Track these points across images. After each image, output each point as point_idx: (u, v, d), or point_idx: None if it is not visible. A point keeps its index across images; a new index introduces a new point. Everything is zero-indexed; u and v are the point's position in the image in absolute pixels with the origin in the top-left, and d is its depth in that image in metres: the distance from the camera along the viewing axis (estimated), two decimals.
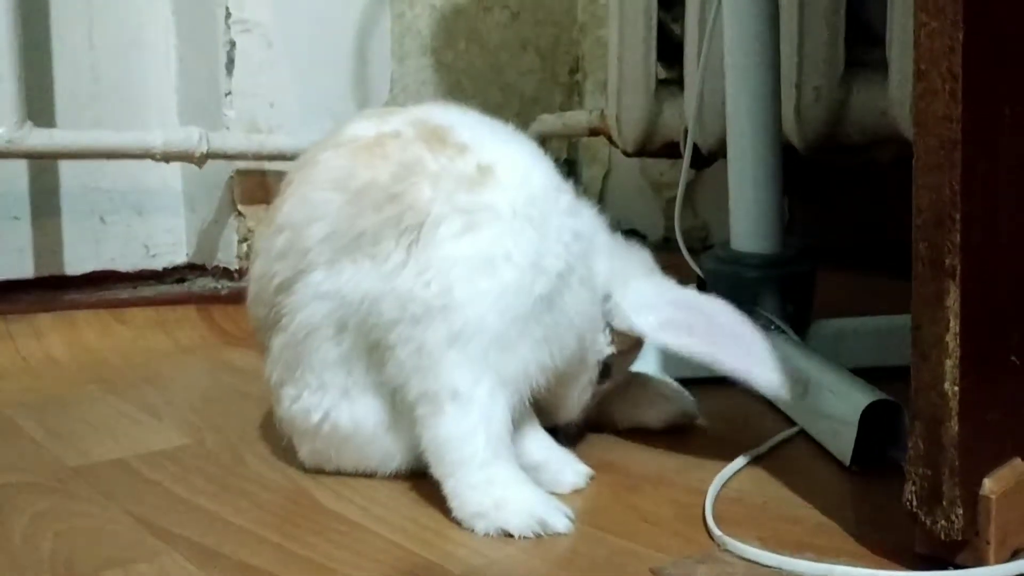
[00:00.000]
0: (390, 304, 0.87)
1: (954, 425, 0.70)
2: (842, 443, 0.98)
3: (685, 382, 1.20)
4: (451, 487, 0.86)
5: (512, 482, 0.86)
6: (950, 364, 0.70)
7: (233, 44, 1.91)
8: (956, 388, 0.70)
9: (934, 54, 0.67)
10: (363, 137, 0.93)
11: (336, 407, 0.93)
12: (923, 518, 0.72)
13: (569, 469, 0.94)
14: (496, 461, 0.86)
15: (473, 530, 0.84)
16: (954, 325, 0.69)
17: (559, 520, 0.83)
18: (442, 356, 0.85)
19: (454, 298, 0.85)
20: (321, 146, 0.96)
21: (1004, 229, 0.73)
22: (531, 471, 0.90)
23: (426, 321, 0.85)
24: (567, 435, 1.02)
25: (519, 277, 0.87)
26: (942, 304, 0.69)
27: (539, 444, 0.95)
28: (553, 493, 0.89)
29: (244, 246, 1.96)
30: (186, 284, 1.98)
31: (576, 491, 0.93)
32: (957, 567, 0.74)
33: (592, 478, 0.95)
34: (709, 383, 1.27)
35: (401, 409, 0.90)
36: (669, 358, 1.25)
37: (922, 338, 0.70)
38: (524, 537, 0.82)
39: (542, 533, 0.82)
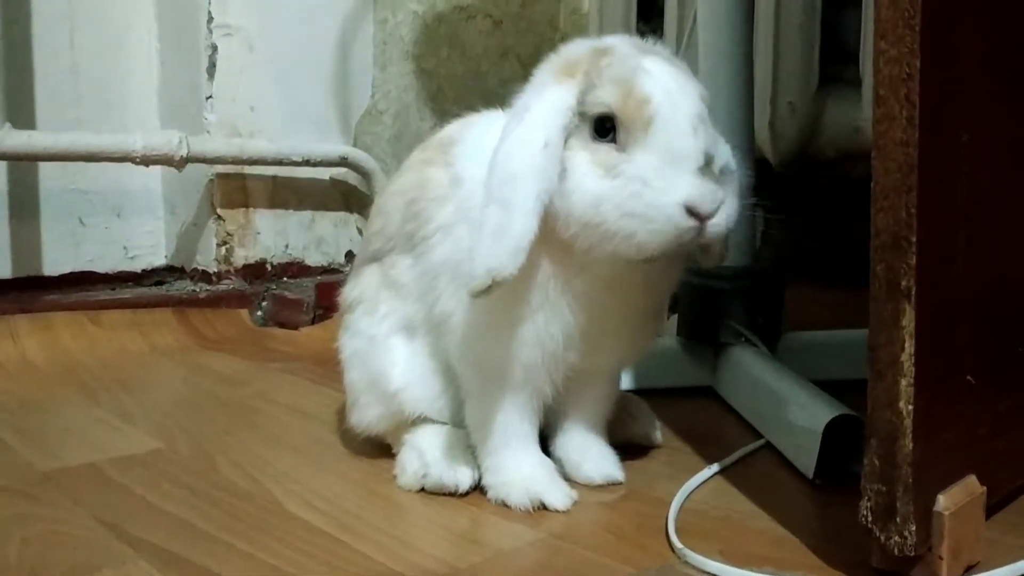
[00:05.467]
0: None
1: (908, 443, 0.71)
2: (806, 456, 1.00)
3: (654, 392, 1.22)
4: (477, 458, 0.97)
5: (517, 465, 0.94)
6: (905, 383, 0.71)
7: (215, 48, 1.91)
8: (911, 407, 0.71)
9: (892, 81, 0.69)
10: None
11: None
12: (878, 533, 0.74)
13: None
14: (504, 449, 0.95)
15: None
16: (909, 345, 0.70)
17: (556, 497, 0.92)
18: (459, 361, 0.95)
19: (445, 310, 0.93)
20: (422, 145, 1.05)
21: (960, 252, 0.75)
22: None
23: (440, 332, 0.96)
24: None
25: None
26: (898, 325, 0.71)
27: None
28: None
29: (223, 249, 1.96)
30: (164, 287, 1.98)
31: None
32: None
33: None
34: (678, 394, 1.29)
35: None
36: (641, 369, 1.26)
37: (878, 358, 0.72)
38: (521, 510, 0.91)
39: (536, 508, 0.91)
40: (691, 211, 0.79)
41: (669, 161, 0.80)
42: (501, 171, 0.83)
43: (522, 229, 0.81)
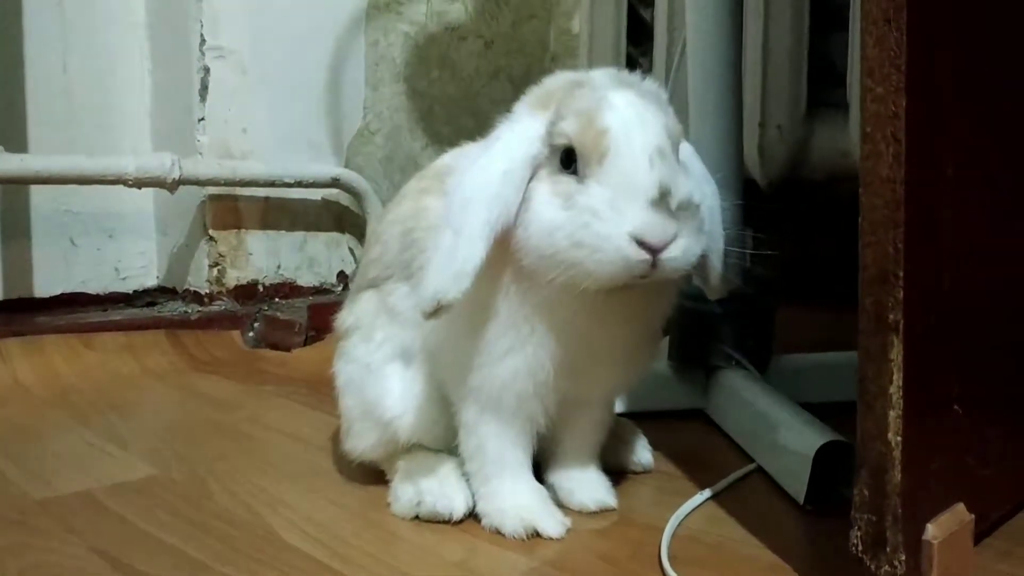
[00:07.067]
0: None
1: (897, 474, 0.72)
2: (797, 482, 1.01)
3: (646, 416, 1.23)
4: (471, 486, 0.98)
5: (511, 493, 0.95)
6: (894, 415, 0.72)
7: (207, 70, 1.92)
8: (899, 438, 0.72)
9: (879, 118, 0.70)
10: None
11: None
12: (868, 563, 0.75)
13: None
14: (498, 477, 0.95)
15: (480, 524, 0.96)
16: (897, 378, 0.71)
17: (550, 524, 0.93)
18: (453, 390, 0.96)
19: (438, 339, 0.95)
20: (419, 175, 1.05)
21: (946, 284, 0.76)
22: None
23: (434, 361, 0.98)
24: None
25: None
26: (886, 357, 0.72)
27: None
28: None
29: (215, 270, 1.97)
30: (156, 308, 1.98)
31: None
32: None
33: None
34: (669, 417, 1.30)
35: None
36: (632, 393, 1.27)
37: (867, 390, 0.73)
38: (515, 537, 0.92)
39: (530, 535, 0.92)
40: (641, 243, 0.79)
41: (621, 192, 0.80)
42: (458, 197, 0.85)
43: (467, 254, 0.82)
